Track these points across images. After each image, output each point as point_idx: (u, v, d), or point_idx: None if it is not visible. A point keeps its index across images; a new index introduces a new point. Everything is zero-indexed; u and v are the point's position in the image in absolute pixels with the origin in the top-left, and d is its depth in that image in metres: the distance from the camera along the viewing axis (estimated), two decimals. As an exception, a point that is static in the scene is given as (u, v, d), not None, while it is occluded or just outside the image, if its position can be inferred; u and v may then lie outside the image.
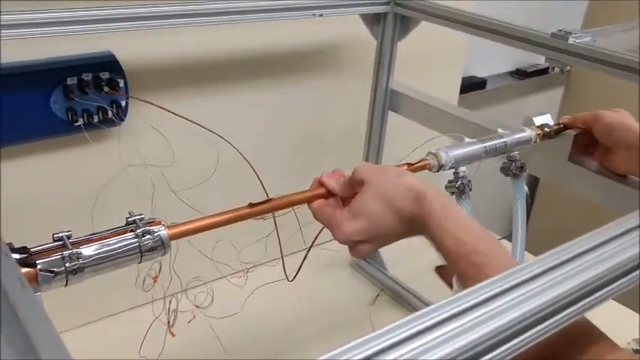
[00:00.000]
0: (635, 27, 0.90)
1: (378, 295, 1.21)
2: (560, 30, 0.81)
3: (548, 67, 2.02)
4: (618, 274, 0.36)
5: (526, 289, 0.33)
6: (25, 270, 0.46)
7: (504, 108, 1.91)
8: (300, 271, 1.05)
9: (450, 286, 1.21)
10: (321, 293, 1.18)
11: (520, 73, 1.97)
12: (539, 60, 2.01)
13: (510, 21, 0.90)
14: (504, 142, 0.79)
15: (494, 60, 1.92)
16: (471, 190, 0.78)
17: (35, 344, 0.23)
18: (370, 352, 0.27)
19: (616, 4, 1.80)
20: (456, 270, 0.57)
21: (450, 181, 0.78)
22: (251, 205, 0.64)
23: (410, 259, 1.23)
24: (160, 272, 0.93)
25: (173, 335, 0.89)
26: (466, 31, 0.94)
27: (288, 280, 1.03)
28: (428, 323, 0.29)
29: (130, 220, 0.53)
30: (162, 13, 0.82)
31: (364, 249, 0.65)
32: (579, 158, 0.85)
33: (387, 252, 1.25)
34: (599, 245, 0.38)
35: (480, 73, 1.84)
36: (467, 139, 0.78)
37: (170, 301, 0.75)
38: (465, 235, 0.57)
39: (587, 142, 0.83)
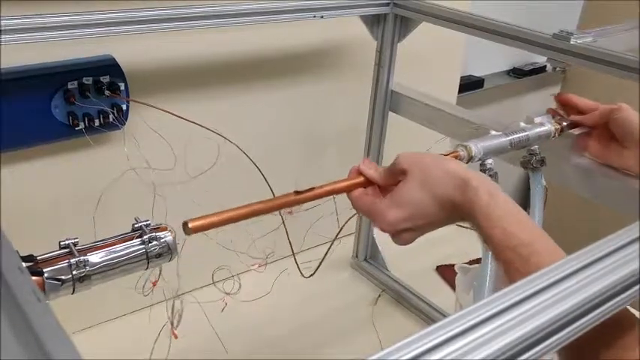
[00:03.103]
0: (636, 26, 0.90)
1: (379, 296, 1.21)
2: (561, 30, 0.81)
3: (545, 66, 2.03)
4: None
5: (546, 295, 0.33)
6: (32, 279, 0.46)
7: (502, 106, 1.92)
8: (301, 272, 1.05)
9: (451, 285, 1.21)
10: (323, 294, 1.18)
11: (517, 72, 1.97)
12: (536, 59, 2.01)
13: (508, 21, 0.90)
14: (527, 135, 0.79)
15: (492, 59, 1.92)
16: (497, 182, 0.78)
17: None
18: (418, 351, 0.27)
19: (613, 3, 1.81)
20: (500, 259, 0.56)
21: None
22: (297, 193, 0.63)
23: (411, 259, 1.23)
24: (159, 277, 0.93)
25: (176, 337, 0.89)
26: (467, 32, 0.93)
27: (303, 276, 1.03)
28: (457, 330, 0.29)
29: (136, 226, 0.53)
30: (162, 16, 0.82)
31: (408, 237, 0.64)
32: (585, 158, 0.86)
33: (388, 252, 1.25)
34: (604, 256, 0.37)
35: (478, 72, 1.84)
36: (493, 132, 0.78)
37: (173, 303, 0.75)
38: (512, 226, 0.56)
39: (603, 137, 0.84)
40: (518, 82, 1.96)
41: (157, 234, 0.52)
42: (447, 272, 1.27)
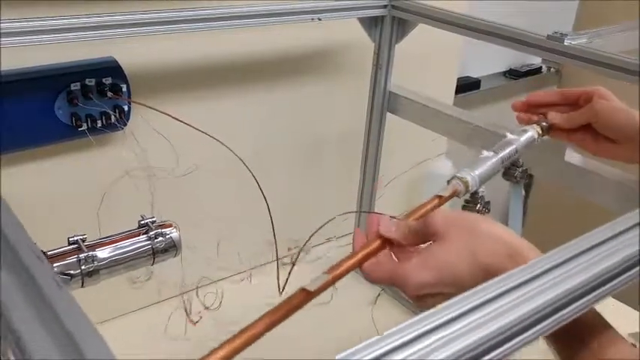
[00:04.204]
0: (631, 28, 0.91)
1: (379, 295, 1.22)
2: (555, 32, 0.83)
3: (540, 67, 2.05)
4: (618, 272, 0.37)
5: (527, 288, 0.34)
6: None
7: (498, 107, 1.93)
8: (302, 272, 1.06)
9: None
10: (322, 294, 1.19)
11: (513, 73, 1.99)
12: (532, 60, 2.03)
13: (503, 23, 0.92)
14: (515, 148, 0.75)
15: (488, 60, 1.94)
16: (489, 212, 0.74)
17: (80, 345, 0.24)
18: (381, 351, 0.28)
19: (607, 3, 1.83)
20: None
21: (467, 202, 0.75)
22: (308, 293, 0.56)
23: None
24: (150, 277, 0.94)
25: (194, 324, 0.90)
26: (464, 33, 0.95)
27: (280, 292, 1.04)
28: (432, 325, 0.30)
29: (142, 222, 0.54)
30: (162, 19, 0.83)
31: (432, 302, 0.56)
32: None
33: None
34: (599, 244, 0.39)
35: (475, 73, 1.86)
36: (484, 153, 0.73)
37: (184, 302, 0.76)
38: None
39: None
40: (514, 83, 1.98)
41: (163, 230, 0.53)
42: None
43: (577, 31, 0.85)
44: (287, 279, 0.96)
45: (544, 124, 0.81)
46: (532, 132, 0.80)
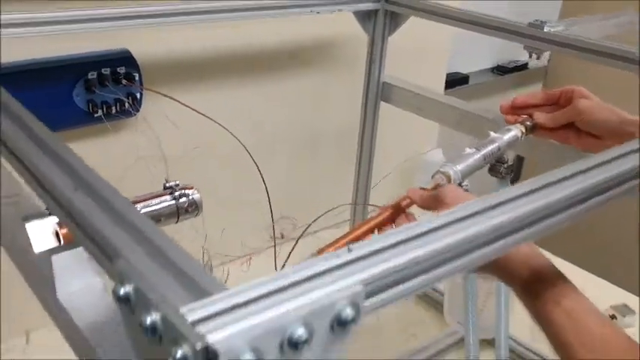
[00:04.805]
0: (606, 18, 0.99)
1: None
2: (536, 20, 0.90)
3: (527, 64, 2.12)
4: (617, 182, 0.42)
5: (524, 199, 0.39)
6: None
7: (486, 102, 2.00)
8: (304, 254, 1.13)
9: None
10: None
11: (500, 70, 2.06)
12: (519, 57, 2.11)
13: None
14: (497, 146, 0.80)
15: (477, 57, 2.01)
16: None
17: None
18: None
19: (589, 3, 1.91)
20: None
21: None
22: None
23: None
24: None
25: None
26: (452, 24, 1.02)
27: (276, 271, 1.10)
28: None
29: (167, 185, 0.60)
30: (170, 11, 0.89)
31: None
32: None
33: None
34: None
35: (463, 69, 1.93)
36: (467, 150, 0.78)
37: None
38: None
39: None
40: (501, 79, 2.06)
41: (186, 191, 0.60)
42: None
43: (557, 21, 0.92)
44: (284, 264, 1.02)
45: (528, 123, 0.86)
46: (516, 131, 0.84)
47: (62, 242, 0.54)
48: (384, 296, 0.30)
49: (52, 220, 0.56)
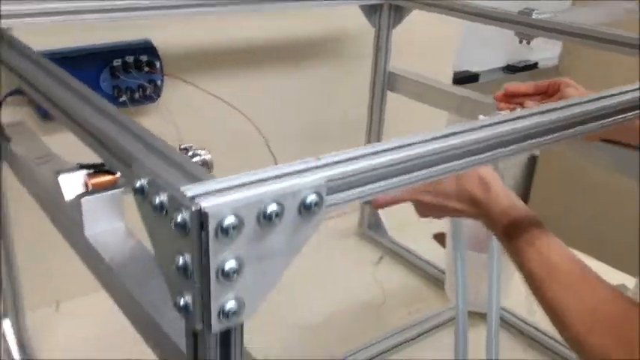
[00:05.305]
0: (591, 6, 1.05)
1: (381, 257, 1.36)
2: (525, 8, 0.97)
3: (536, 63, 2.18)
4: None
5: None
6: (107, 177, 0.62)
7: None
8: (313, 238, 1.20)
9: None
10: (332, 257, 1.33)
11: (511, 69, 2.12)
12: (529, 57, 2.16)
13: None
14: None
15: (487, 56, 2.07)
16: None
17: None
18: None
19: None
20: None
21: None
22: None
23: (411, 230, 1.37)
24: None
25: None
26: (452, 15, 1.09)
27: None
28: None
29: (182, 147, 0.68)
30: (186, 2, 0.97)
31: (428, 199, 0.72)
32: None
33: (389, 224, 1.40)
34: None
35: (474, 68, 2.00)
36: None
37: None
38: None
39: None
40: (511, 78, 2.11)
41: (199, 151, 0.67)
42: (444, 239, 1.41)
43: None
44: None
45: (518, 109, 0.92)
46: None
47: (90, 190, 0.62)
48: (343, 195, 0.37)
49: (82, 173, 0.65)
